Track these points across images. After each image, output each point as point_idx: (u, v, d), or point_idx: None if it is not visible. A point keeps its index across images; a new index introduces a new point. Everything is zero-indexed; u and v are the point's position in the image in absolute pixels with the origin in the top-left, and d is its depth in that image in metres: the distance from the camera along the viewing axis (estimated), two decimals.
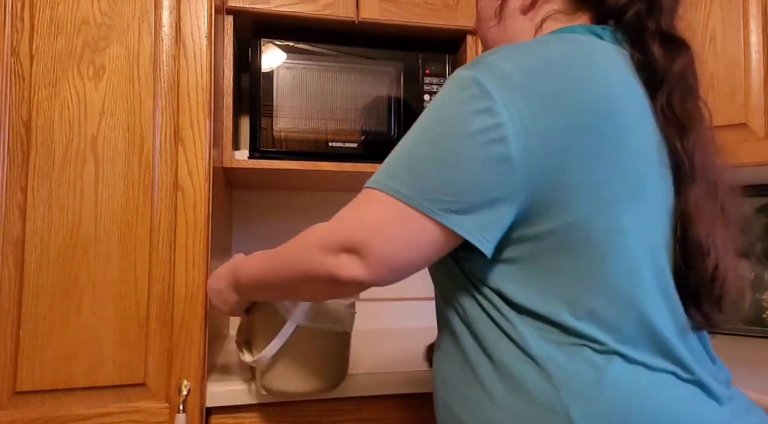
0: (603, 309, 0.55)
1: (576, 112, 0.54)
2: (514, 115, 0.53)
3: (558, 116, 0.54)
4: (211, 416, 0.91)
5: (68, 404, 0.84)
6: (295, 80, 1.20)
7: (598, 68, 0.57)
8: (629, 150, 0.56)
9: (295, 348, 0.84)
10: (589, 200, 0.55)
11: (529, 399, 0.55)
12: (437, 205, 0.54)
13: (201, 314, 0.88)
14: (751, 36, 1.14)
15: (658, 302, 0.57)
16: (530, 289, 0.57)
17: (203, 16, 0.90)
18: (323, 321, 0.84)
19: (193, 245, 0.88)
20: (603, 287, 0.55)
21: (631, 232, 0.56)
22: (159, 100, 0.89)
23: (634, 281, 0.56)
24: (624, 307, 0.55)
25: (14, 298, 0.82)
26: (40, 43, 0.85)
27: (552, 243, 0.56)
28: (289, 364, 0.85)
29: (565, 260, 0.56)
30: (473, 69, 0.57)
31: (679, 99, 0.60)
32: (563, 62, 0.57)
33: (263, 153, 1.19)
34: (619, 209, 0.55)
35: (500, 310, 0.58)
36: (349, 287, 0.57)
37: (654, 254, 0.57)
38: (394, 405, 0.97)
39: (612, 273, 0.55)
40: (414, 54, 1.27)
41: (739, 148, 1.14)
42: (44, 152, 0.84)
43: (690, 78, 0.62)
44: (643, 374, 0.55)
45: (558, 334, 0.56)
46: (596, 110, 0.55)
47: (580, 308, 0.55)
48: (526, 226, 0.56)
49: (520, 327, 0.57)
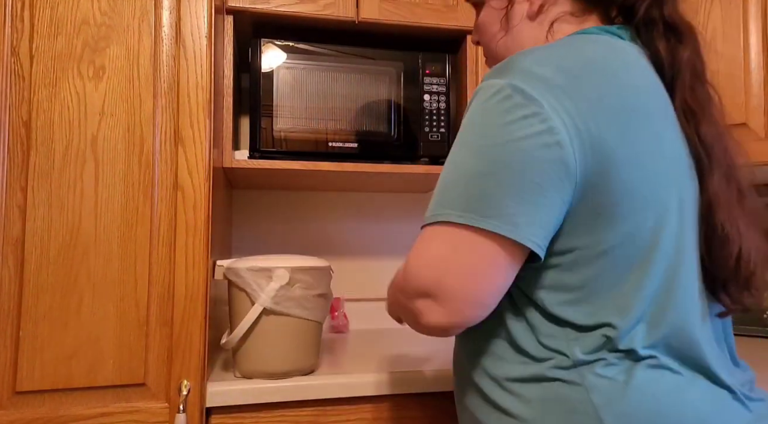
0: (645, 317, 0.55)
1: (620, 115, 0.54)
2: (566, 119, 0.52)
3: (603, 120, 0.53)
4: (211, 416, 0.91)
5: (68, 404, 0.84)
6: (295, 80, 1.20)
7: (632, 70, 0.57)
8: (665, 156, 0.56)
9: (262, 331, 0.92)
10: (632, 208, 0.54)
11: (561, 402, 0.55)
12: (502, 221, 0.51)
13: (201, 314, 0.88)
14: (751, 36, 1.14)
15: (695, 303, 0.57)
16: (570, 298, 0.56)
17: (203, 16, 0.90)
18: (290, 307, 0.91)
19: (193, 245, 0.88)
20: (645, 294, 0.55)
21: (671, 236, 0.55)
22: (159, 100, 0.89)
23: (676, 286, 0.56)
24: (664, 314, 0.55)
25: (14, 298, 0.82)
26: (40, 43, 0.85)
27: (597, 253, 0.55)
28: (257, 346, 0.92)
29: (610, 269, 0.55)
30: (508, 76, 0.55)
31: (690, 92, 0.60)
32: (600, 64, 0.56)
33: (263, 153, 1.19)
34: (660, 215, 0.55)
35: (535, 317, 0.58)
36: (437, 332, 0.55)
37: (690, 256, 0.57)
38: (395, 405, 0.97)
39: (654, 281, 0.55)
40: (414, 54, 1.27)
41: None
42: (44, 152, 0.84)
43: (698, 64, 0.63)
44: (671, 377, 0.55)
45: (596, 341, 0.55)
46: (637, 114, 0.54)
47: (626, 317, 0.55)
48: (572, 235, 0.55)
49: (557, 334, 0.57)
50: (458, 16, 1.27)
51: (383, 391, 0.95)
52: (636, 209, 0.54)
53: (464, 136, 0.56)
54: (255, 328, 0.91)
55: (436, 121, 1.28)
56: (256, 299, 0.90)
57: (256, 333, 0.92)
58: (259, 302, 0.90)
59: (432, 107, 1.28)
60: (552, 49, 0.58)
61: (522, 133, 0.52)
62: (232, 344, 0.93)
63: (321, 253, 1.54)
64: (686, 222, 0.57)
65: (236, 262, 0.94)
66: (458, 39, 1.34)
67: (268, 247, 1.51)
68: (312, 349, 0.96)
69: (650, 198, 0.54)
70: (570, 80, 0.54)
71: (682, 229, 0.57)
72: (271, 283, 0.90)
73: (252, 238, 1.51)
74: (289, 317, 0.92)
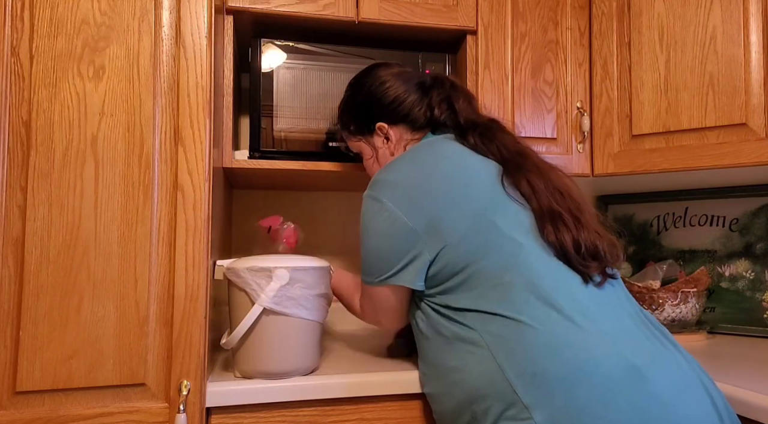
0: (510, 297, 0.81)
1: (432, 188, 0.86)
2: (400, 205, 0.86)
3: (422, 194, 0.86)
4: (211, 416, 0.91)
5: (68, 404, 0.84)
6: (295, 80, 1.20)
7: (442, 154, 0.91)
8: (474, 195, 0.85)
9: (262, 331, 0.91)
10: (469, 237, 0.83)
11: (476, 357, 0.79)
12: (385, 275, 0.89)
13: (201, 314, 0.88)
14: (751, 36, 1.14)
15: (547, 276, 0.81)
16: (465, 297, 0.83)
17: (203, 16, 0.90)
18: (290, 307, 0.91)
19: (192, 245, 0.88)
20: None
21: (501, 241, 0.83)
22: (159, 100, 0.89)
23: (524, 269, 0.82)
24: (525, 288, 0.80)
25: (14, 298, 0.82)
26: (40, 43, 0.85)
27: (461, 269, 0.83)
28: (256, 346, 0.92)
29: (474, 279, 0.83)
30: (372, 189, 0.90)
31: (509, 156, 0.91)
32: (418, 159, 0.91)
33: (263, 153, 1.19)
34: (501, 231, 0.83)
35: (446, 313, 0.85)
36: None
37: (534, 244, 0.83)
38: (394, 405, 0.97)
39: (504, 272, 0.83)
40: (414, 54, 1.27)
41: (739, 148, 1.14)
42: (44, 152, 0.84)
43: (497, 132, 0.96)
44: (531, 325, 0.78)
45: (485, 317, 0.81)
46: (448, 180, 0.86)
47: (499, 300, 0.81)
48: (441, 264, 0.85)
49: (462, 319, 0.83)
50: (458, 16, 1.27)
51: (383, 391, 0.95)
52: (472, 236, 0.84)
53: (362, 228, 0.92)
54: (255, 328, 0.91)
55: None
56: (255, 299, 0.90)
57: (256, 333, 0.91)
58: (258, 302, 0.90)
59: None
60: (397, 160, 0.93)
61: (383, 222, 0.88)
62: (232, 344, 0.93)
63: (321, 253, 1.54)
64: (517, 224, 0.85)
65: (236, 262, 0.94)
66: (458, 39, 1.34)
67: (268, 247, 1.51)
68: (312, 349, 0.96)
69: (476, 221, 0.84)
70: (400, 177, 0.89)
71: (512, 230, 0.85)
72: (271, 283, 0.90)
73: (252, 238, 1.51)
74: (289, 317, 0.92)
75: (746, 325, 1.39)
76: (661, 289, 1.34)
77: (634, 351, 0.74)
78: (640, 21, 1.27)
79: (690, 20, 1.20)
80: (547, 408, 0.70)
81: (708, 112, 1.17)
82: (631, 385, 0.70)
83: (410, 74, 1.07)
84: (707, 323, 1.42)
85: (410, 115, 1.03)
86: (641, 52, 1.26)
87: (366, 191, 0.92)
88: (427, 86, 1.05)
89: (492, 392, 0.75)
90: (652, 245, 1.61)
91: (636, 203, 1.67)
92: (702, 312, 1.37)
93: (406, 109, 1.03)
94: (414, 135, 1.03)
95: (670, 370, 0.74)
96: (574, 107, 1.34)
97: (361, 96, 1.07)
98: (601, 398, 0.69)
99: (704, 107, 1.18)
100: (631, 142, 1.28)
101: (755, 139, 1.12)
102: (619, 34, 1.31)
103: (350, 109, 1.09)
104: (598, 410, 0.69)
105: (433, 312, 0.87)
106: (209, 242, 0.90)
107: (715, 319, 1.43)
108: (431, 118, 1.02)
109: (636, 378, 0.71)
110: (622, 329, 0.77)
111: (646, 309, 1.34)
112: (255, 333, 0.91)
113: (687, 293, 1.31)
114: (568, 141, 1.34)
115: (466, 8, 1.28)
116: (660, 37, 1.24)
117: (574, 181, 0.92)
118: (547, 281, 0.79)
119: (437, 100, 1.02)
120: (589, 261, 0.82)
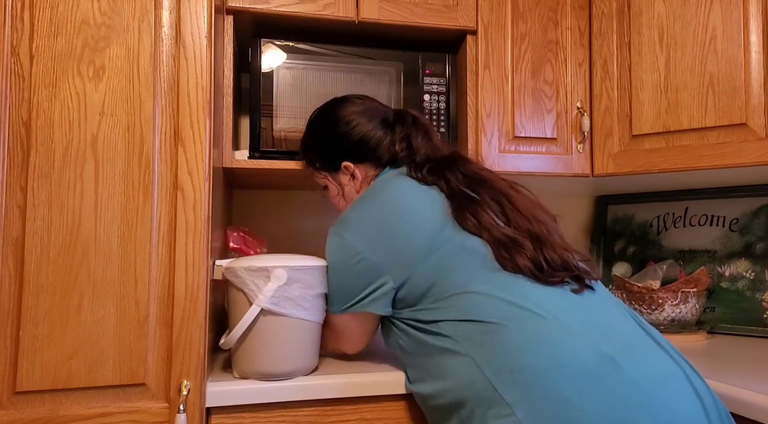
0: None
1: (391, 221, 0.90)
2: (362, 241, 0.90)
3: (380, 230, 0.90)
4: (211, 416, 0.91)
5: (68, 404, 0.84)
6: (295, 80, 1.20)
7: (396, 187, 0.94)
8: (430, 219, 0.89)
9: (260, 332, 0.91)
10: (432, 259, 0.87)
11: (456, 362, 0.81)
12: (348, 303, 0.93)
13: (201, 314, 0.88)
14: (751, 36, 1.14)
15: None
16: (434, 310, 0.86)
17: (203, 16, 0.90)
18: (288, 307, 0.91)
19: (192, 245, 0.88)
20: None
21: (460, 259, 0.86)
22: (159, 100, 0.89)
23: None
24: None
25: (14, 298, 0.82)
26: (40, 43, 0.85)
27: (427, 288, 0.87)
28: (254, 347, 0.92)
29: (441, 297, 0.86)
30: (339, 227, 0.94)
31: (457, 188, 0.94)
32: (374, 196, 0.94)
33: (263, 153, 1.19)
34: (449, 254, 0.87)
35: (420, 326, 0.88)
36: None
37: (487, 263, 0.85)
38: (394, 405, 0.97)
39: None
40: (414, 54, 1.27)
41: (739, 148, 1.14)
42: (44, 152, 0.84)
43: (451, 165, 0.97)
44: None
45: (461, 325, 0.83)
46: (404, 211, 0.90)
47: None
48: (408, 288, 0.88)
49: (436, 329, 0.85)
50: (458, 16, 1.27)
51: (383, 391, 0.95)
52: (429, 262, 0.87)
53: (329, 265, 0.97)
54: (253, 329, 0.91)
55: (436, 121, 1.28)
56: (253, 299, 0.90)
57: (254, 334, 0.91)
58: (256, 303, 0.89)
59: (432, 107, 1.28)
60: (360, 200, 0.96)
61: (349, 260, 0.92)
62: (231, 344, 0.93)
63: (321, 253, 1.54)
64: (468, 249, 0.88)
65: (234, 262, 0.94)
66: (458, 39, 1.34)
67: (268, 247, 1.51)
68: (311, 349, 0.96)
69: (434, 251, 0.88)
70: (361, 216, 0.93)
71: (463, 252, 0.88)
72: (269, 283, 0.90)
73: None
74: (287, 317, 0.91)
75: (746, 325, 1.39)
76: (661, 289, 1.34)
77: (607, 342, 0.75)
78: (640, 21, 1.27)
79: (690, 20, 1.20)
80: (528, 403, 0.71)
81: (708, 112, 1.17)
82: (605, 374, 0.71)
83: (374, 111, 1.07)
84: (707, 323, 1.42)
85: (376, 152, 1.04)
86: (641, 52, 1.26)
87: (332, 227, 0.96)
88: (390, 122, 1.06)
89: (474, 395, 0.76)
90: (652, 245, 1.61)
91: (636, 203, 1.67)
92: (702, 312, 1.37)
93: (372, 148, 1.04)
94: (377, 170, 1.05)
95: (650, 362, 0.75)
96: (574, 107, 1.34)
97: (327, 135, 1.07)
98: (578, 388, 0.70)
99: (704, 107, 1.18)
100: (631, 142, 1.28)
101: (755, 139, 1.12)
102: (619, 34, 1.31)
103: (315, 148, 1.09)
104: (577, 401, 0.69)
105: (408, 328, 0.90)
106: (209, 242, 0.90)
107: (715, 319, 1.43)
108: (392, 154, 1.04)
109: (611, 367, 0.72)
110: (595, 322, 0.78)
111: (646, 309, 1.34)
112: (253, 334, 0.91)
113: (687, 293, 1.31)
114: (568, 141, 1.34)
115: (466, 8, 1.28)
116: (660, 37, 1.24)
117: (540, 202, 0.96)
118: (514, 286, 0.81)
119: (398, 138, 1.03)
120: (558, 272, 0.84)
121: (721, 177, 1.33)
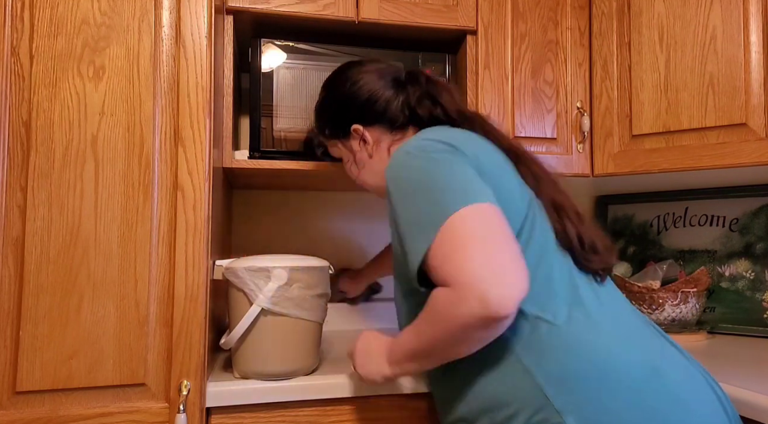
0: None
1: (479, 144, 0.81)
2: (447, 151, 0.76)
3: (472, 146, 0.79)
4: (211, 416, 0.91)
5: (68, 404, 0.84)
6: (295, 80, 1.20)
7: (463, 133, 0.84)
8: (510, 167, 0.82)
9: (261, 332, 0.91)
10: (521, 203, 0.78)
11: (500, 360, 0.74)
12: (459, 200, 0.70)
13: (201, 314, 0.88)
14: (751, 36, 1.14)
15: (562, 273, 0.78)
16: None
17: (203, 16, 0.90)
18: (288, 307, 0.91)
19: (192, 245, 0.88)
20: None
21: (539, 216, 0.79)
22: (159, 100, 0.89)
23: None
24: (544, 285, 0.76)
25: (14, 298, 0.82)
26: (40, 43, 0.85)
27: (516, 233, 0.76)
28: (255, 347, 0.92)
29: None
30: (418, 140, 0.80)
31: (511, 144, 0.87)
32: (444, 130, 0.83)
33: (263, 153, 1.19)
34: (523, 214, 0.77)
35: None
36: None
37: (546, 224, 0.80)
38: (394, 405, 0.97)
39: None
40: (414, 54, 1.27)
41: (739, 148, 1.14)
42: (44, 152, 0.84)
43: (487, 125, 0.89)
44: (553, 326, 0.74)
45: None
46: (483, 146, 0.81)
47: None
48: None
49: None
50: (458, 16, 1.27)
51: (383, 391, 0.95)
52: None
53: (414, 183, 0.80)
54: (253, 328, 0.91)
55: None
56: (254, 299, 0.90)
57: (255, 334, 0.91)
58: (257, 303, 0.89)
59: None
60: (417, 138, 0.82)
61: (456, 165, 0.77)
62: (231, 344, 0.93)
63: (321, 253, 1.54)
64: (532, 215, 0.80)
65: (234, 262, 0.94)
66: (458, 39, 1.34)
67: (268, 247, 1.51)
68: (311, 349, 0.96)
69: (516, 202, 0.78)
70: (447, 137, 0.80)
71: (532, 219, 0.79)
72: (270, 283, 0.90)
73: (252, 238, 1.51)
74: (288, 317, 0.91)
75: (746, 325, 1.39)
76: (661, 289, 1.34)
77: (648, 350, 0.73)
78: (640, 21, 1.27)
79: (690, 20, 1.20)
80: (579, 412, 0.68)
81: (708, 112, 1.17)
82: (651, 385, 0.69)
83: (384, 70, 1.00)
84: (707, 323, 1.42)
85: (386, 113, 0.96)
86: (641, 52, 1.26)
87: (398, 153, 0.79)
88: (401, 82, 0.98)
89: (517, 398, 0.72)
90: (652, 245, 1.61)
91: (636, 203, 1.67)
92: (702, 312, 1.37)
93: (380, 107, 0.96)
94: (395, 136, 0.97)
95: (679, 368, 0.73)
96: (574, 107, 1.34)
97: (334, 97, 1.01)
98: (627, 400, 0.68)
99: (704, 107, 1.18)
100: (631, 143, 1.28)
101: (755, 139, 1.12)
102: (619, 34, 1.31)
103: (324, 112, 1.04)
104: (626, 413, 0.67)
105: None
106: (209, 242, 0.90)
107: (715, 319, 1.43)
108: (412, 117, 0.96)
109: (656, 377, 0.70)
110: (633, 328, 0.76)
111: (646, 309, 1.34)
112: (253, 334, 0.91)
113: (687, 293, 1.31)
114: (568, 141, 1.34)
115: (466, 8, 1.28)
116: (660, 37, 1.24)
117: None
118: (563, 273, 0.77)
119: (415, 97, 0.95)
120: (591, 255, 0.79)
121: (721, 177, 1.33)
